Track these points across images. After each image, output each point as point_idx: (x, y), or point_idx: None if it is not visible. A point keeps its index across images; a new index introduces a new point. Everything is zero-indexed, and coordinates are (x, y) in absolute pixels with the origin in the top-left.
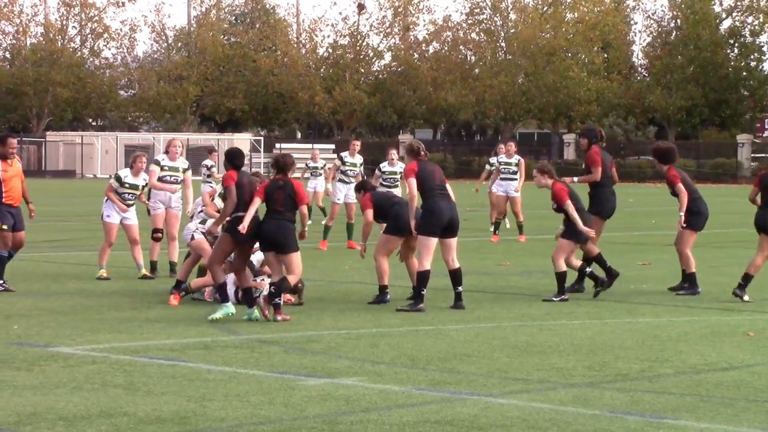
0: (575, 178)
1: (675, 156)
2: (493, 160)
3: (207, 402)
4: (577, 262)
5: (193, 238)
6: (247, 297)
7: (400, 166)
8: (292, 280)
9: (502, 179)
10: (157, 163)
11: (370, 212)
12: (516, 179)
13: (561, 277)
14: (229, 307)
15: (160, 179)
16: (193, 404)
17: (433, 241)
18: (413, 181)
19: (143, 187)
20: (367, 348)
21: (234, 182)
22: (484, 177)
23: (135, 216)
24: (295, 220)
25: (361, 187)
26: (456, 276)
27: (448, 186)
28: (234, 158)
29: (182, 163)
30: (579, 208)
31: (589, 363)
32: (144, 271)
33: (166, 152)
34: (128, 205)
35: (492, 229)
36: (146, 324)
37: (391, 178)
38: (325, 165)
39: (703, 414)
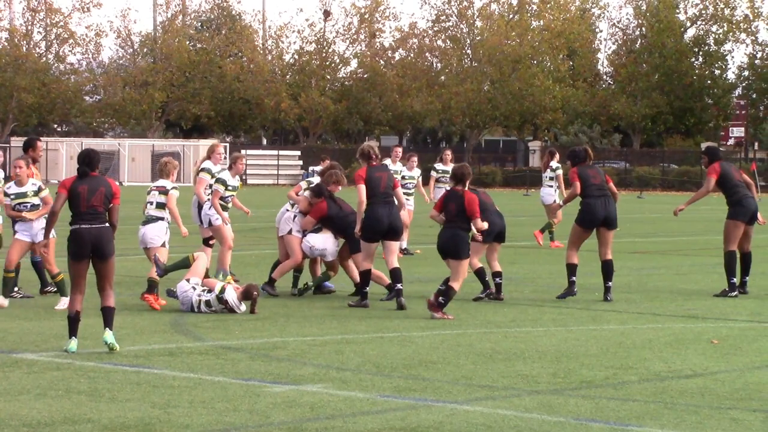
0: (561, 202)
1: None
2: (439, 166)
3: (172, 408)
4: (478, 264)
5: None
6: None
7: (417, 171)
8: (456, 286)
9: (439, 188)
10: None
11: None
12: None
13: (478, 273)
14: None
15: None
16: (157, 411)
17: (373, 246)
18: (362, 188)
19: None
20: (332, 355)
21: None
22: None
23: None
24: (469, 228)
25: (319, 193)
26: (396, 275)
27: (398, 190)
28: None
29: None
30: (482, 209)
31: (553, 370)
32: None
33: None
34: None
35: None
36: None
37: (410, 183)
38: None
39: (668, 421)
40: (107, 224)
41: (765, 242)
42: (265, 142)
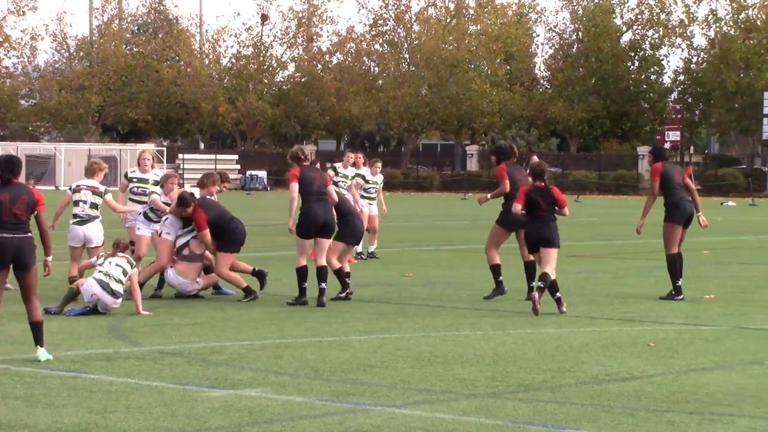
0: (488, 195)
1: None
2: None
3: (109, 414)
4: (337, 264)
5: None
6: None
7: (380, 176)
8: (553, 273)
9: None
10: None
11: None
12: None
13: (338, 273)
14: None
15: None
16: (94, 416)
17: (307, 242)
18: (295, 186)
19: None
20: (270, 359)
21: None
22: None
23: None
24: (555, 219)
25: (186, 201)
26: (321, 273)
27: (330, 188)
28: None
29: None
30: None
31: (491, 373)
32: None
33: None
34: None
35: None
36: (47, 335)
37: (372, 188)
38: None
39: (605, 424)
40: (29, 234)
41: (699, 245)
42: (202, 146)
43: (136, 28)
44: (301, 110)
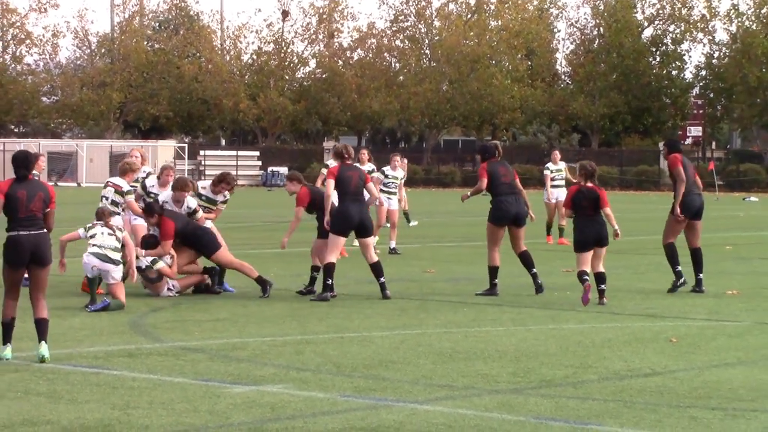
0: (468, 192)
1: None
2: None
3: (131, 410)
4: (316, 261)
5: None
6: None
7: (401, 172)
8: (603, 268)
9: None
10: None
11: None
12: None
13: (319, 269)
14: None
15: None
16: (117, 412)
17: (341, 240)
18: (331, 183)
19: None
20: (292, 355)
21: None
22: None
23: None
24: (602, 218)
25: (152, 211)
26: (377, 268)
27: (370, 185)
28: None
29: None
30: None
31: (513, 369)
32: None
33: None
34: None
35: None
36: (70, 332)
37: (392, 183)
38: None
39: (627, 420)
40: (45, 230)
41: (722, 241)
42: (223, 142)
43: (157, 24)
44: (322, 106)
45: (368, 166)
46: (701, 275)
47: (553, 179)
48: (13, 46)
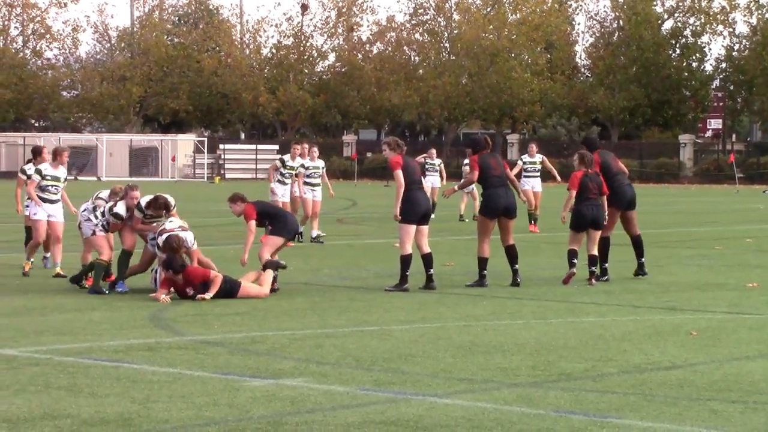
0: (455, 186)
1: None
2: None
3: (151, 403)
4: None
5: (94, 233)
6: None
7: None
8: (597, 251)
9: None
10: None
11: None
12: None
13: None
14: None
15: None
16: (137, 405)
17: (412, 228)
18: (400, 173)
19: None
20: (311, 348)
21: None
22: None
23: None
24: (600, 203)
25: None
26: (427, 259)
27: (430, 177)
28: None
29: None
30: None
31: (533, 363)
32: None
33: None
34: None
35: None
36: (90, 325)
37: (314, 173)
38: (439, 164)
39: (647, 413)
40: None
41: (742, 234)
42: (243, 136)
43: (176, 18)
44: (342, 100)
45: (299, 161)
46: (643, 260)
47: (526, 170)
48: (34, 41)
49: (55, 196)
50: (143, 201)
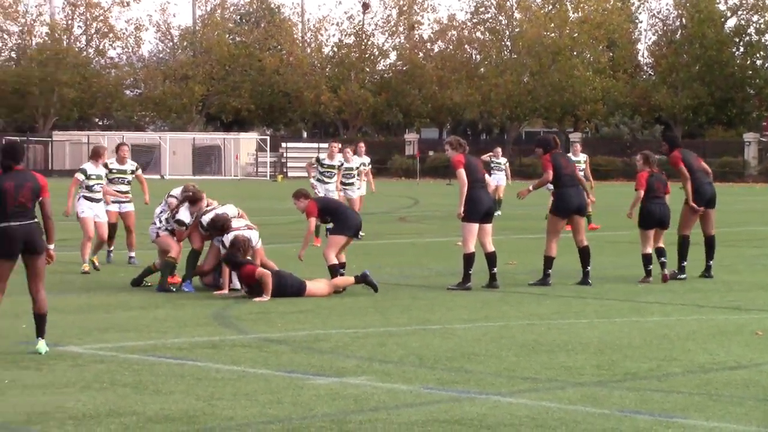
0: (530, 186)
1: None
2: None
3: (215, 401)
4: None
5: (158, 235)
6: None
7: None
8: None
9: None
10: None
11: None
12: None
13: (330, 268)
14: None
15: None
16: (201, 403)
17: (475, 227)
18: (463, 172)
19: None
20: (375, 347)
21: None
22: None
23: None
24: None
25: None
26: (491, 258)
27: (496, 175)
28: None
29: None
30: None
31: (597, 362)
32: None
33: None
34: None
35: None
36: (154, 323)
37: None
38: (505, 162)
39: (713, 413)
40: (35, 220)
41: None
42: (305, 134)
43: (238, 17)
44: (403, 98)
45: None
46: (711, 262)
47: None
48: (97, 40)
49: (99, 194)
50: (206, 218)
